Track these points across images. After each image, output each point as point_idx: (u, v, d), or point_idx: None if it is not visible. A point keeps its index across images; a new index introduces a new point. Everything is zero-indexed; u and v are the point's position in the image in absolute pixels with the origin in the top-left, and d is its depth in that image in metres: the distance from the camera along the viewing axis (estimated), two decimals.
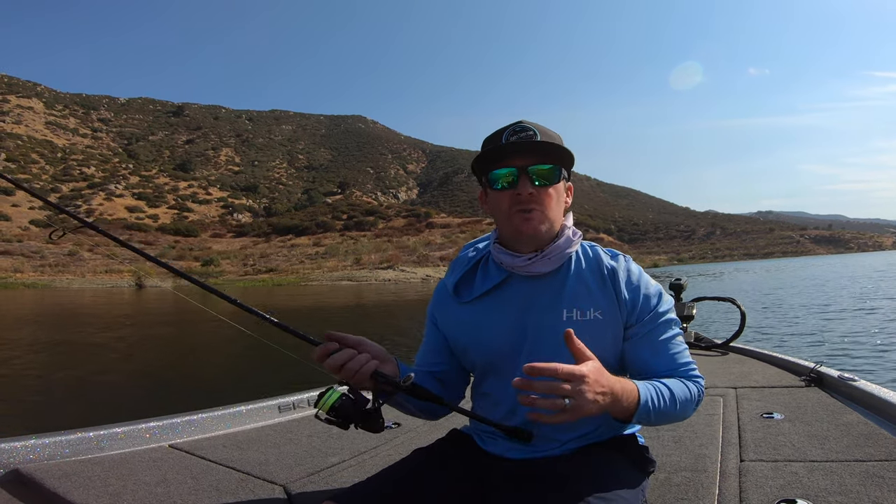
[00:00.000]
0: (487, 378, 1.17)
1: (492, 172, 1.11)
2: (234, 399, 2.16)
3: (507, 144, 1.08)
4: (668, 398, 1.02)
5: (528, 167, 1.07)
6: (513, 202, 1.09)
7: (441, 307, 1.23)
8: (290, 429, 2.04)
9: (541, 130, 1.09)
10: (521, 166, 1.07)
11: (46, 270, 57.34)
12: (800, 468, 1.38)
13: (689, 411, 1.09)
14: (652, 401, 1.00)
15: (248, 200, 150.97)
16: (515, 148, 1.08)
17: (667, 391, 1.03)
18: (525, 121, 1.11)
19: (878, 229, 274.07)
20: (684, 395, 1.06)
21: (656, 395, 1.01)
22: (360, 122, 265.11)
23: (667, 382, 1.05)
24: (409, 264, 65.21)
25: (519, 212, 1.09)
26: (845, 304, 13.90)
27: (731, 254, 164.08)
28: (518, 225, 1.10)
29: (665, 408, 1.02)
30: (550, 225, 1.11)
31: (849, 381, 2.06)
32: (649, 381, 1.04)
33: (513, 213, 1.09)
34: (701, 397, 1.10)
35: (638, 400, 0.98)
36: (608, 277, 1.13)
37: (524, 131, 1.09)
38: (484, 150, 1.11)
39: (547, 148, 1.08)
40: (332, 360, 0.98)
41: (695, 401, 1.09)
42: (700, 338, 3.64)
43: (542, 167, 1.08)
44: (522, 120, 1.12)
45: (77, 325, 14.42)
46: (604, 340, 1.09)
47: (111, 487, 1.42)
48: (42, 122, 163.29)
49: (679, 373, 1.10)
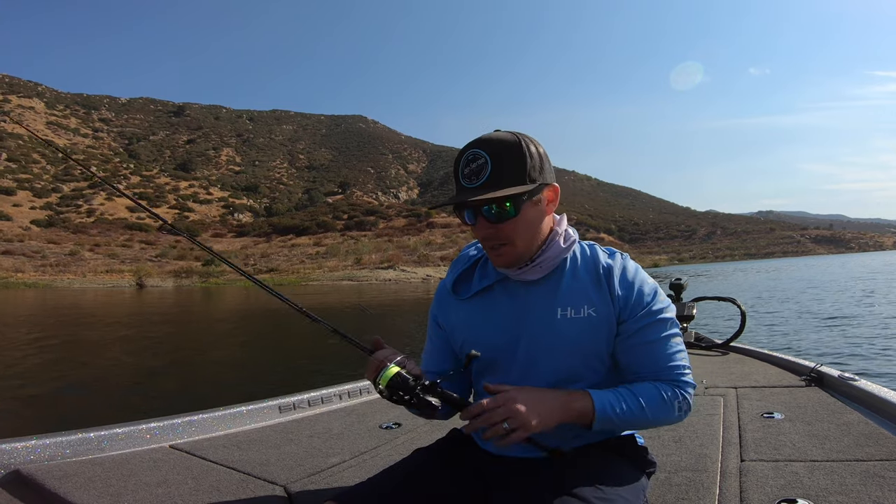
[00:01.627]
0: (485, 376, 1.18)
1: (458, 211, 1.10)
2: (235, 399, 2.16)
3: (454, 199, 1.05)
4: (633, 405, 1.03)
5: (482, 207, 1.05)
6: (481, 238, 1.10)
7: (441, 306, 1.25)
8: (291, 429, 2.04)
9: (493, 152, 1.02)
10: (475, 207, 1.05)
11: (47, 270, 57.33)
12: (800, 468, 1.38)
13: (670, 416, 1.07)
14: (612, 408, 1.02)
15: (248, 200, 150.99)
16: (464, 193, 1.04)
17: (632, 398, 1.04)
18: (477, 145, 1.04)
19: (878, 229, 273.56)
20: (656, 401, 1.05)
21: (617, 402, 1.02)
22: (361, 121, 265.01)
23: (636, 388, 1.06)
24: (409, 264, 65.18)
25: (489, 248, 1.09)
26: (845, 304, 13.89)
27: (732, 254, 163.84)
28: (492, 259, 1.12)
29: (629, 414, 1.02)
30: (524, 250, 1.09)
31: (849, 380, 2.06)
32: (615, 389, 1.06)
33: (485, 247, 1.11)
34: (685, 402, 1.08)
35: (593, 409, 1.01)
36: (603, 275, 1.12)
37: (475, 161, 1.03)
38: (444, 200, 1.10)
39: (497, 182, 1.02)
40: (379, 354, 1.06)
41: (673, 406, 1.06)
42: (700, 338, 3.64)
43: (495, 208, 1.04)
44: (476, 143, 1.05)
45: (77, 324, 14.43)
46: (598, 338, 1.09)
47: (112, 488, 1.43)
48: (43, 121, 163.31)
49: (665, 374, 1.08)
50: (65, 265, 61.33)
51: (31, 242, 71.19)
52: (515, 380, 1.12)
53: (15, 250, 65.01)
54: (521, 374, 1.11)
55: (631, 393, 1.05)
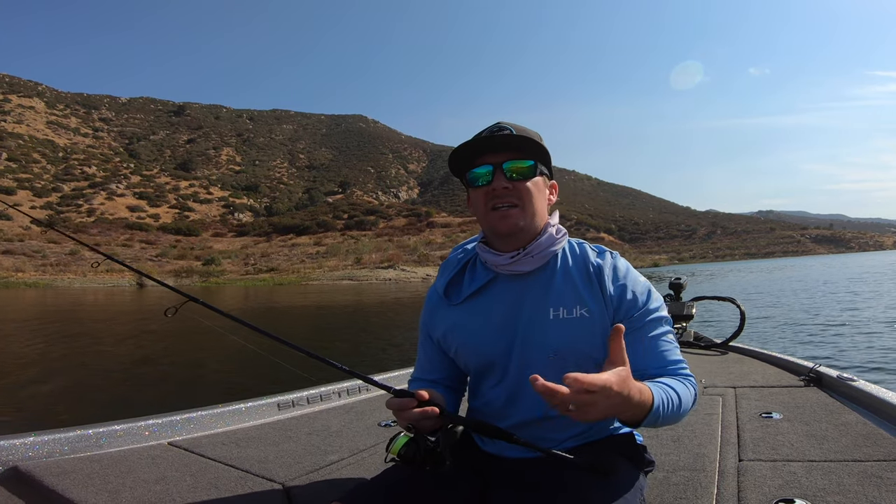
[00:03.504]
0: (480, 378, 1.17)
1: (470, 172, 1.12)
2: (234, 397, 2.16)
3: (480, 140, 1.08)
4: (675, 402, 1.00)
5: (502, 163, 1.08)
6: (488, 198, 1.09)
7: (432, 313, 1.23)
8: (290, 426, 2.04)
9: (517, 129, 1.09)
10: (495, 163, 1.08)
11: (48, 270, 57.38)
12: (798, 468, 1.38)
13: (689, 409, 1.07)
14: (663, 405, 0.97)
15: (249, 200, 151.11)
16: (489, 144, 1.08)
17: (675, 395, 1.01)
18: (502, 121, 1.12)
19: (879, 229, 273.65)
20: (687, 397, 1.04)
21: (667, 399, 0.98)
22: (361, 121, 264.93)
23: (673, 385, 1.03)
24: (409, 264, 65.24)
25: (494, 209, 1.09)
26: (845, 305, 13.88)
27: (732, 253, 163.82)
28: (494, 222, 1.10)
29: (673, 412, 1.00)
30: (530, 220, 1.10)
31: (848, 381, 2.06)
32: (659, 385, 1.01)
33: (489, 211, 1.10)
34: (696, 394, 1.09)
35: (651, 406, 0.94)
36: (594, 275, 1.12)
37: (500, 130, 1.09)
38: (458, 148, 1.10)
39: (521, 143, 1.08)
40: (405, 415, 1.00)
41: (693, 400, 1.07)
42: (699, 337, 3.64)
43: (518, 163, 1.09)
44: (500, 121, 1.13)
45: (77, 324, 14.43)
46: (592, 338, 1.08)
47: (110, 485, 1.43)
48: (43, 121, 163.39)
49: (669, 371, 1.08)
50: (65, 265, 61.35)
51: (32, 242, 71.22)
52: (512, 382, 1.11)
53: (15, 250, 65.08)
54: (517, 377, 1.10)
55: (674, 391, 1.01)
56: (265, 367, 7.39)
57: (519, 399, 1.11)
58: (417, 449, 0.99)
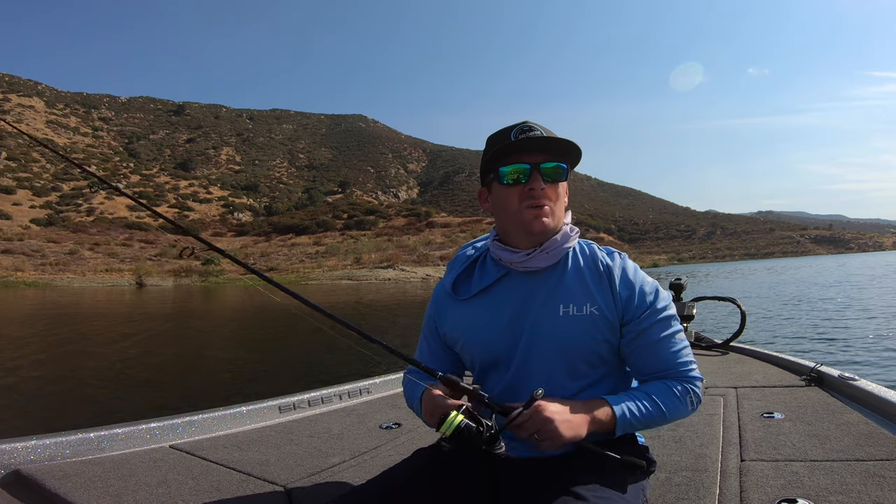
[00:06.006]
0: (486, 374, 1.18)
1: (502, 168, 1.12)
2: (235, 399, 2.16)
3: (522, 141, 1.09)
4: (650, 405, 1.06)
5: (540, 164, 1.10)
6: (523, 198, 1.11)
7: (440, 307, 1.25)
8: (291, 429, 2.04)
9: (546, 131, 1.12)
10: (533, 163, 1.10)
11: (47, 269, 57.31)
12: (800, 468, 1.38)
13: (684, 412, 1.10)
14: (630, 412, 1.04)
15: (248, 199, 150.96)
16: (529, 145, 1.10)
17: (647, 398, 1.06)
18: (529, 121, 1.14)
19: (878, 229, 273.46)
20: (671, 398, 1.07)
21: (635, 407, 1.05)
22: (361, 121, 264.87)
23: (649, 388, 1.08)
24: (409, 264, 65.19)
25: (529, 208, 1.10)
26: (845, 305, 13.89)
27: (732, 254, 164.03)
28: (528, 221, 1.11)
29: (648, 415, 1.05)
30: (557, 221, 1.14)
31: (849, 380, 2.05)
32: (628, 392, 1.09)
33: (523, 209, 1.11)
34: (696, 396, 1.11)
35: (614, 415, 1.04)
36: (604, 274, 1.14)
37: (532, 131, 1.11)
38: (499, 146, 1.12)
39: (559, 146, 1.11)
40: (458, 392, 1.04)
41: (686, 401, 1.09)
42: (700, 337, 3.63)
43: (555, 166, 1.12)
44: (527, 120, 1.14)
45: (77, 323, 14.43)
46: (600, 336, 1.10)
47: (112, 488, 1.42)
48: (43, 120, 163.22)
49: (673, 371, 1.10)
50: (64, 264, 61.32)
51: (31, 241, 71.18)
52: (513, 376, 1.13)
53: (15, 249, 64.99)
54: (520, 371, 1.12)
55: (645, 394, 1.07)
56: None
57: (520, 392, 1.12)
58: (474, 428, 0.96)
